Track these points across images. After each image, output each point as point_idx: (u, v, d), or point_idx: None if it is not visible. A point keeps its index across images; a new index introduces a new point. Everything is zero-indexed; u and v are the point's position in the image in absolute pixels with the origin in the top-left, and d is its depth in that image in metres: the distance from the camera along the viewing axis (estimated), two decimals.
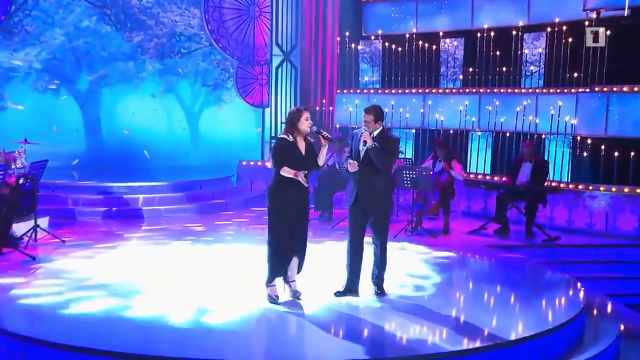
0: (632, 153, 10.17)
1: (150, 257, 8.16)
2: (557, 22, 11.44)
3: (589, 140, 10.84)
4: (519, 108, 11.63)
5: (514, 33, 11.97)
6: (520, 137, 11.50)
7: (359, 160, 6.32)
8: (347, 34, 13.70)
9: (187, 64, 17.00)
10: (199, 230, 10.01)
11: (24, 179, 8.52)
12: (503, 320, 6.00)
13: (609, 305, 7.39)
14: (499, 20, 12.31)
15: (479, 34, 12.36)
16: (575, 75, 11.09)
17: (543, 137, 11.59)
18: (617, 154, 10.24)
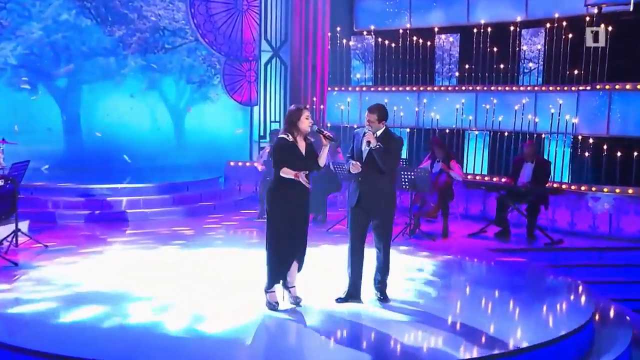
0: (635, 153, 10.09)
1: (138, 262, 7.98)
2: (556, 17, 11.23)
3: (591, 140, 10.65)
4: (517, 106, 11.43)
5: (512, 29, 11.78)
6: (520, 136, 11.32)
7: (361, 161, 6.18)
8: (338, 29, 13.38)
9: (171, 60, 16.51)
10: (188, 234, 9.77)
11: (4, 181, 8.15)
12: (511, 328, 5.87)
13: (616, 310, 7.25)
14: (496, 16, 12.08)
15: (476, 30, 12.13)
16: (576, 73, 10.93)
17: (543, 136, 11.39)
18: (619, 154, 10.13)
